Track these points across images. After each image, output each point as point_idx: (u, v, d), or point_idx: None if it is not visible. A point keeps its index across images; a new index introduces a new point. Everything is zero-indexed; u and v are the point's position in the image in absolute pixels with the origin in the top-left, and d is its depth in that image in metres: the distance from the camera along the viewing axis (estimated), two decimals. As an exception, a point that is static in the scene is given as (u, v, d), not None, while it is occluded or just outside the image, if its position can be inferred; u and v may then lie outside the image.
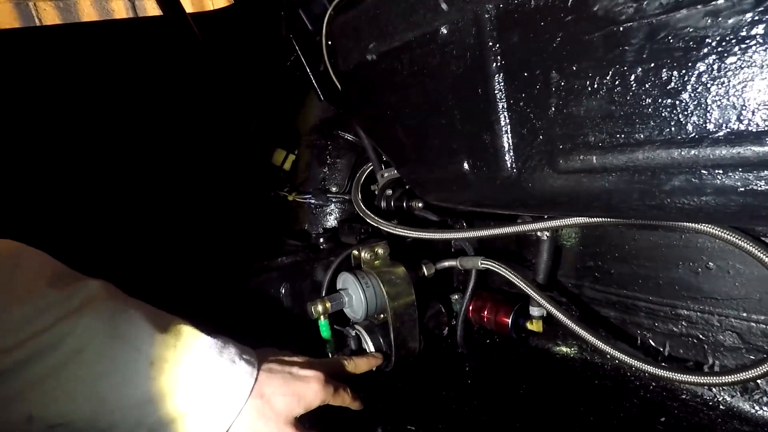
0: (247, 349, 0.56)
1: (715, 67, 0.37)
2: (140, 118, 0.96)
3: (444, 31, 0.56)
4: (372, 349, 0.74)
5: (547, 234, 0.74)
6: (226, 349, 0.53)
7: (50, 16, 1.57)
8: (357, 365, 0.67)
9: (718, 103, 0.38)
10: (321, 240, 0.88)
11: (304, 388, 0.56)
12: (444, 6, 0.54)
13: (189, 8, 1.04)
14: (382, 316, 0.75)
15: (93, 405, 0.44)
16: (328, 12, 0.77)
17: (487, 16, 0.51)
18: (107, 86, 0.92)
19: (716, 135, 0.39)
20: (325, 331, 0.71)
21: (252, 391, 0.52)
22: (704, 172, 0.41)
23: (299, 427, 0.55)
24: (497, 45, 0.51)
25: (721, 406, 0.67)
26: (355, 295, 0.73)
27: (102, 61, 0.93)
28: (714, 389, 0.67)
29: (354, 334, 0.75)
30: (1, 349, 0.40)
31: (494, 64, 0.52)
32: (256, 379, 0.53)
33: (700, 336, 0.68)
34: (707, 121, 0.39)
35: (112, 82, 0.93)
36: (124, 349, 0.46)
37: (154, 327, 0.49)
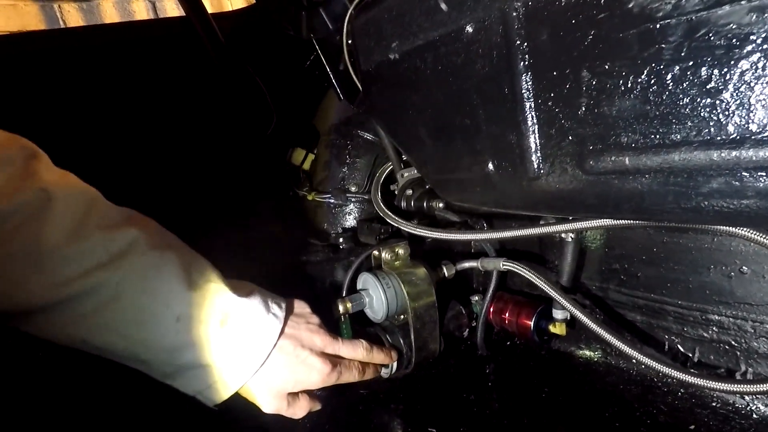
0: (278, 303, 0.59)
1: (760, 65, 0.36)
2: (160, 119, 0.97)
3: (469, 29, 0.55)
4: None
5: (572, 236, 0.72)
6: (252, 313, 0.56)
7: (74, 18, 1.60)
8: (374, 356, 0.68)
9: (763, 102, 0.36)
10: (341, 240, 0.87)
11: (304, 377, 0.59)
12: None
13: (209, 9, 1.04)
14: (402, 317, 0.74)
15: (128, 344, 0.51)
16: (350, 11, 0.76)
17: (515, 14, 0.49)
18: (126, 87, 0.93)
19: (760, 136, 0.37)
20: (346, 331, 0.71)
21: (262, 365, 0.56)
22: (746, 174, 0.39)
23: (286, 400, 0.59)
24: (525, 43, 0.50)
25: (754, 415, 0.64)
26: (376, 296, 0.72)
27: (124, 61, 0.94)
28: (747, 397, 0.65)
29: (374, 335, 0.75)
30: (53, 283, 0.47)
31: (522, 63, 0.51)
32: (270, 352, 0.56)
33: (733, 342, 0.66)
34: (750, 121, 0.37)
35: (131, 83, 0.94)
36: (153, 305, 0.51)
37: (185, 283, 0.53)
